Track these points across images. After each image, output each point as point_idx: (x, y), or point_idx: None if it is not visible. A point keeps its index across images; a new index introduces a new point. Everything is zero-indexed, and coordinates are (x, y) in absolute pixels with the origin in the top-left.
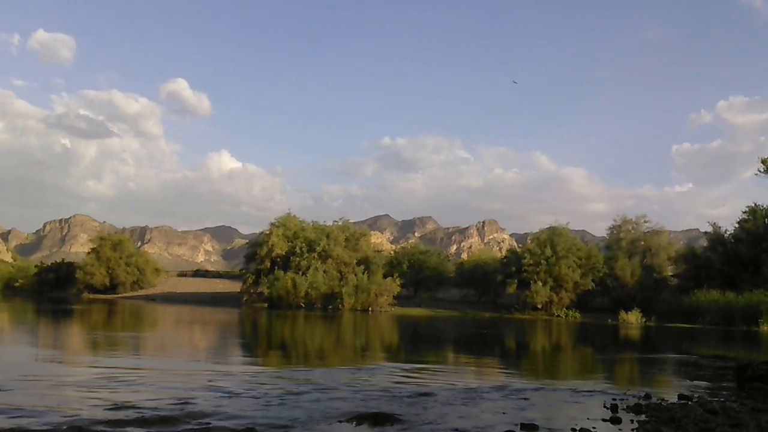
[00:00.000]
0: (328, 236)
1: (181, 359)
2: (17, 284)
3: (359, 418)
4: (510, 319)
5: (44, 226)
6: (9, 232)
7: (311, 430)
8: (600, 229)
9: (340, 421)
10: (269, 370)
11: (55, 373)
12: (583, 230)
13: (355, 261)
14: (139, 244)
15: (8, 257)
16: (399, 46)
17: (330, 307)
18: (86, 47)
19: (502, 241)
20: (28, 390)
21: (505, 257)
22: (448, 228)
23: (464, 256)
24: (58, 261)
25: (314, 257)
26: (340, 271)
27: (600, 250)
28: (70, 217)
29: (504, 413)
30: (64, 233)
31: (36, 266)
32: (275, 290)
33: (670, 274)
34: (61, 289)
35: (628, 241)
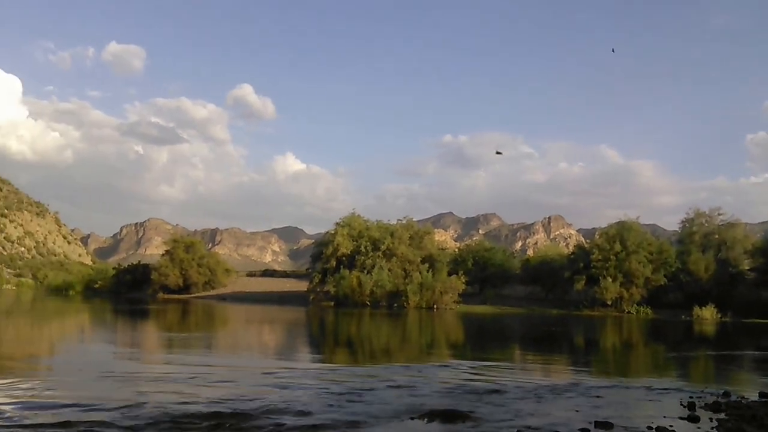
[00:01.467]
0: (392, 235)
1: (252, 357)
2: (97, 286)
3: (431, 415)
4: (578, 316)
5: (121, 230)
6: (88, 236)
7: (382, 426)
8: (671, 223)
9: (412, 418)
10: (337, 367)
11: (133, 370)
12: (653, 224)
13: (419, 259)
14: (210, 245)
15: (88, 260)
16: (459, 44)
17: (395, 305)
18: (156, 57)
19: (569, 237)
20: (109, 386)
21: (573, 253)
22: (512, 224)
23: (530, 252)
24: (134, 263)
25: (379, 256)
26: (404, 269)
27: (672, 244)
28: (144, 221)
29: (577, 411)
30: (139, 236)
31: (114, 268)
32: (341, 289)
33: (746, 267)
34: (137, 290)
35: (701, 235)
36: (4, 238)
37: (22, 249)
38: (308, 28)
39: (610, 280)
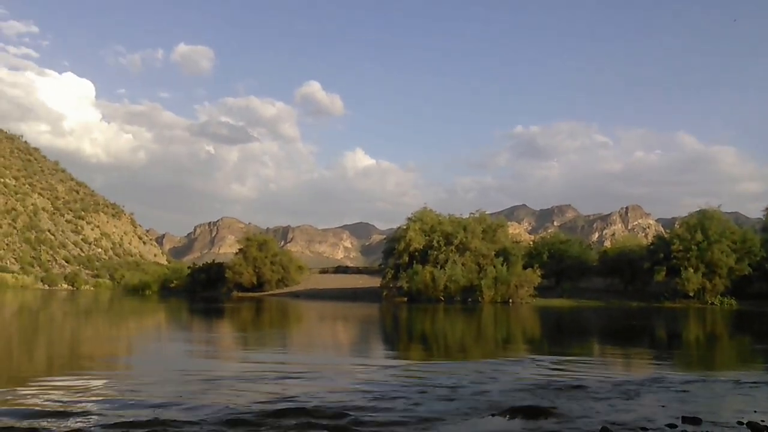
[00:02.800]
0: (464, 229)
1: (328, 354)
2: (172, 285)
3: (512, 412)
4: (659, 308)
5: (195, 229)
6: (163, 236)
7: (463, 423)
8: (755, 210)
9: (493, 415)
10: (413, 363)
11: (211, 368)
12: (735, 212)
13: (493, 253)
14: (282, 243)
15: (163, 260)
16: (528, 33)
17: (469, 299)
18: (224, 57)
19: (648, 227)
20: (188, 385)
21: (652, 244)
22: (588, 215)
23: (607, 243)
24: (208, 262)
25: (452, 250)
26: (478, 264)
27: (756, 232)
28: (217, 220)
29: (663, 406)
30: (213, 235)
31: (188, 267)
32: (414, 284)
33: None
34: (212, 289)
35: None
36: (82, 239)
37: (99, 250)
38: (374, 22)
39: (691, 270)
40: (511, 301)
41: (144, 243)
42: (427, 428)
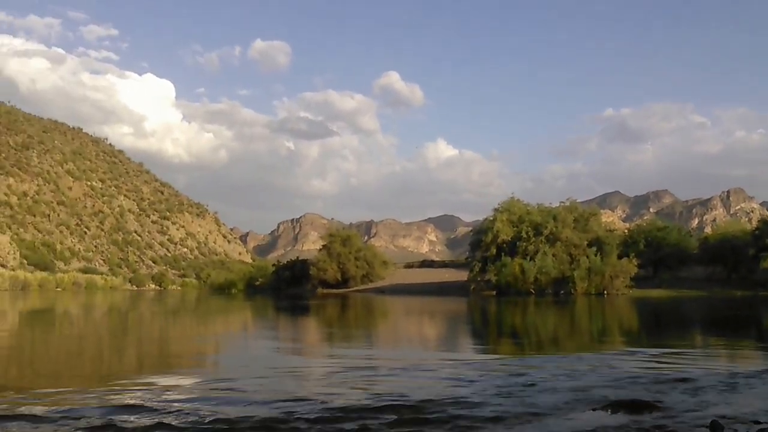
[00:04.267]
0: (555, 218)
1: (416, 349)
2: (257, 283)
3: (614, 406)
4: (766, 297)
5: (278, 227)
6: (247, 234)
7: (563, 418)
8: None
9: (594, 409)
10: (504, 357)
11: (299, 365)
12: None
13: (585, 242)
14: (366, 238)
15: (248, 258)
16: (614, 11)
17: (561, 292)
18: (300, 51)
19: (752, 211)
20: (277, 381)
21: (757, 229)
22: (686, 201)
23: (708, 230)
24: (292, 259)
25: (542, 241)
26: (570, 254)
27: None
28: (300, 217)
29: None
30: (296, 232)
31: (273, 265)
32: (503, 277)
33: None
34: (297, 286)
35: None
36: (168, 240)
37: (185, 250)
38: (452, 8)
39: None
40: (605, 292)
41: (228, 241)
42: (526, 424)
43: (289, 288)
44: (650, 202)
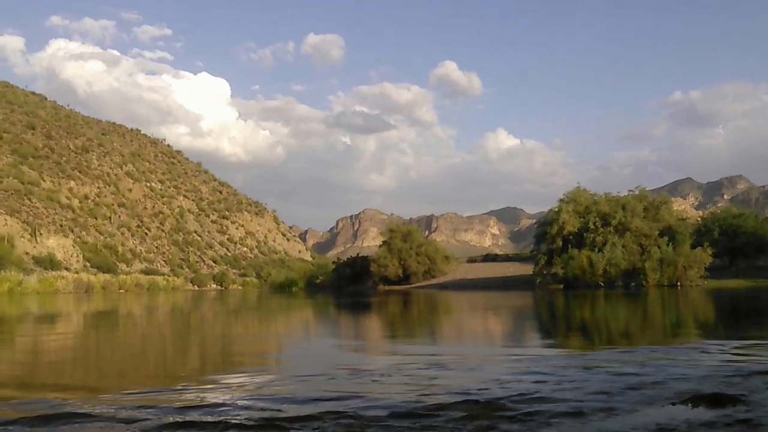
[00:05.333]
0: (623, 208)
1: (482, 345)
2: (318, 281)
3: (694, 400)
4: None
5: (337, 224)
6: (306, 232)
7: (641, 413)
8: None
9: (673, 403)
10: (574, 352)
11: (362, 362)
12: None
13: (656, 232)
14: (427, 233)
15: (308, 256)
16: None
17: (632, 284)
18: (354, 44)
19: None
20: (341, 379)
21: None
22: (763, 186)
23: None
24: (352, 256)
25: (610, 232)
26: (640, 245)
27: None
28: (359, 213)
29: None
30: (355, 228)
31: (333, 262)
32: (570, 270)
33: None
34: (357, 283)
35: None
36: (228, 239)
37: (245, 249)
38: None
39: None
40: (679, 283)
41: (288, 240)
42: (603, 419)
43: (350, 285)
44: (724, 188)
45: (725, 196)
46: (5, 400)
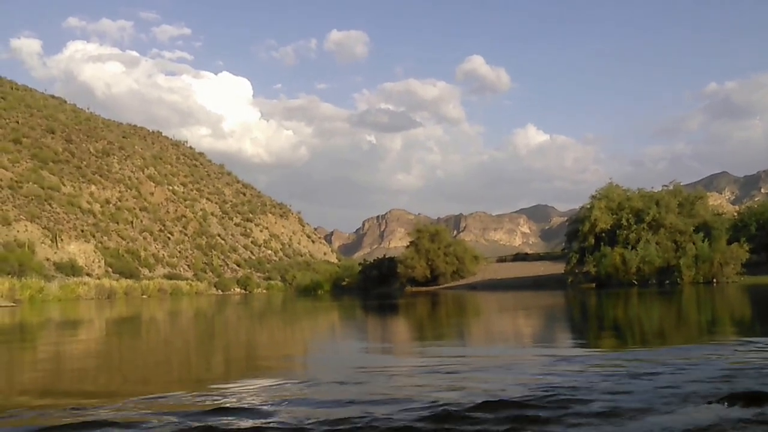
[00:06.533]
0: (657, 203)
1: (512, 346)
2: (344, 283)
3: (731, 398)
4: None
5: (363, 224)
6: (332, 233)
7: (677, 413)
8: None
9: (710, 402)
10: (607, 352)
11: (390, 364)
12: None
13: (691, 228)
14: (455, 232)
15: (333, 258)
16: None
17: (666, 281)
18: (378, 40)
19: None
20: (369, 381)
21: None
22: None
23: None
24: (379, 257)
25: (644, 228)
26: (675, 241)
27: None
28: (385, 213)
29: None
30: (381, 229)
31: (359, 264)
32: (602, 268)
33: None
34: (384, 285)
35: None
36: (252, 242)
37: (269, 252)
38: None
39: None
40: (715, 280)
41: (313, 242)
42: (637, 420)
43: (377, 287)
44: (761, 182)
45: (762, 190)
46: (28, 408)
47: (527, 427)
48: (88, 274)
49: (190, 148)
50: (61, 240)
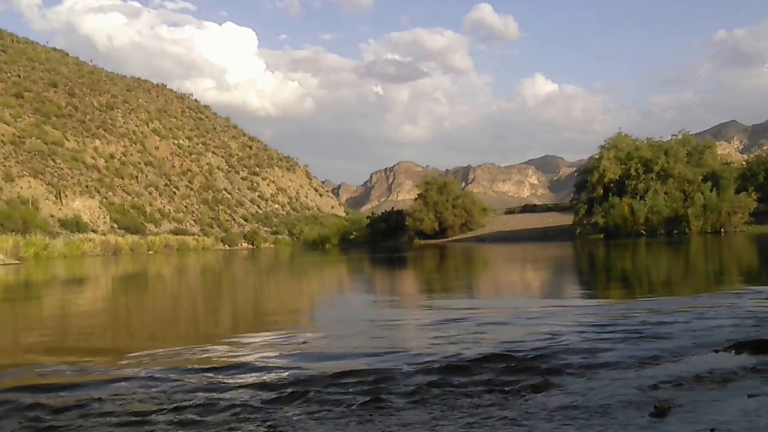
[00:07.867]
0: (666, 153)
1: (520, 298)
2: (352, 237)
3: (737, 347)
4: None
5: (371, 177)
6: (339, 186)
7: (683, 362)
8: None
9: (716, 350)
10: (615, 303)
11: (398, 317)
12: None
13: (700, 178)
14: (463, 184)
15: (341, 211)
16: None
17: (675, 231)
18: None
19: None
20: (377, 334)
21: None
22: None
23: None
24: (387, 210)
25: (652, 178)
26: (683, 191)
27: None
28: (393, 165)
29: None
30: (389, 182)
31: (367, 217)
32: (611, 219)
33: None
34: (393, 238)
35: None
36: (258, 196)
37: (276, 206)
38: None
39: None
40: (723, 230)
41: (320, 195)
42: (646, 368)
43: (385, 241)
44: None
45: None
46: (34, 365)
47: (530, 377)
48: (93, 231)
49: (195, 101)
50: (66, 196)
